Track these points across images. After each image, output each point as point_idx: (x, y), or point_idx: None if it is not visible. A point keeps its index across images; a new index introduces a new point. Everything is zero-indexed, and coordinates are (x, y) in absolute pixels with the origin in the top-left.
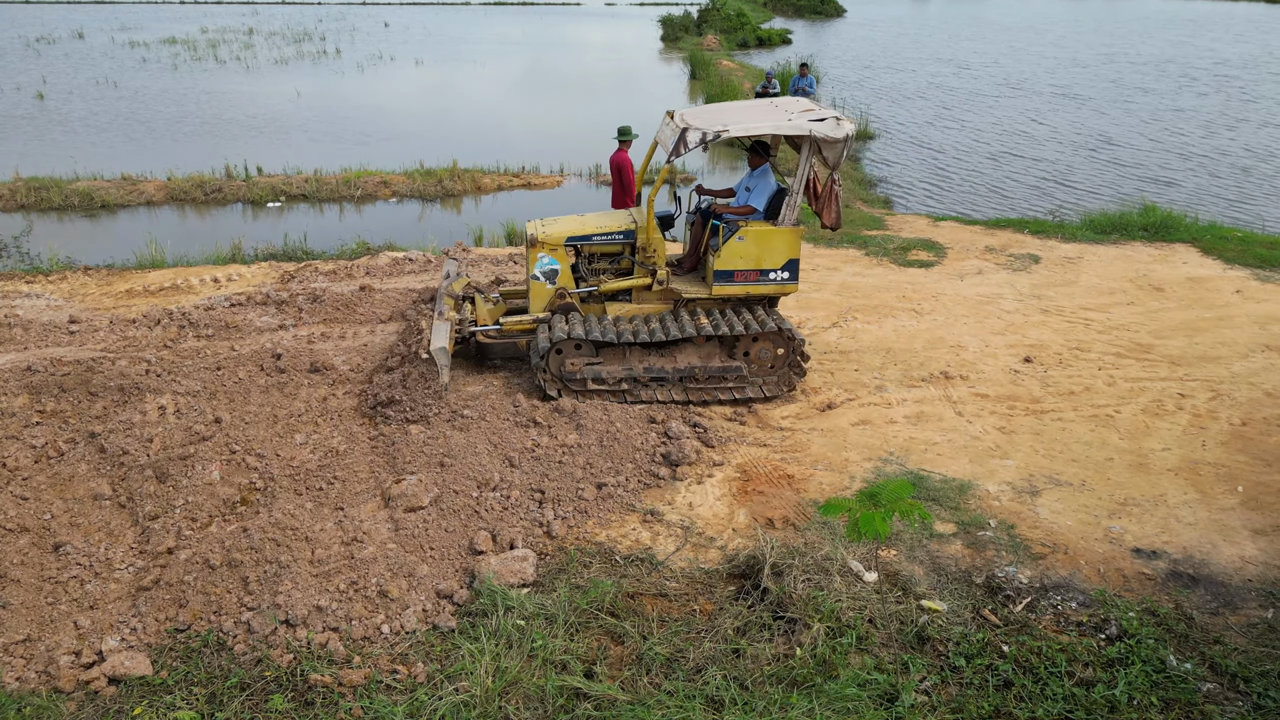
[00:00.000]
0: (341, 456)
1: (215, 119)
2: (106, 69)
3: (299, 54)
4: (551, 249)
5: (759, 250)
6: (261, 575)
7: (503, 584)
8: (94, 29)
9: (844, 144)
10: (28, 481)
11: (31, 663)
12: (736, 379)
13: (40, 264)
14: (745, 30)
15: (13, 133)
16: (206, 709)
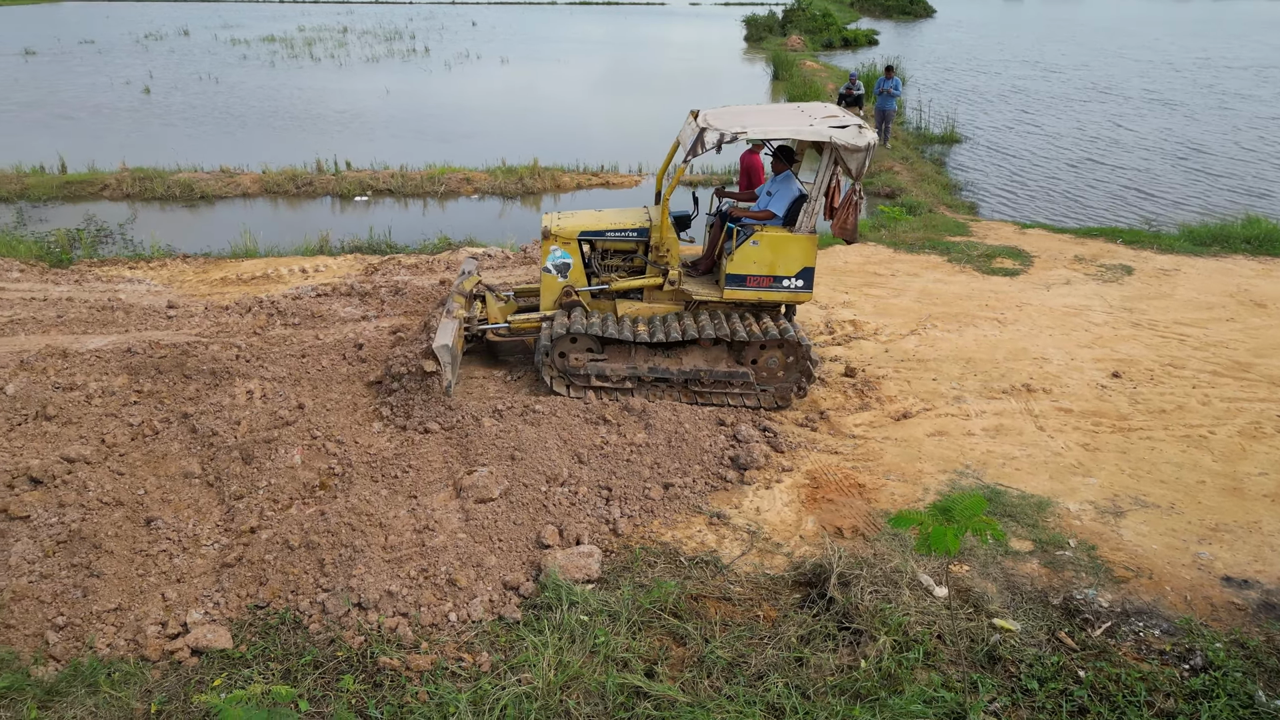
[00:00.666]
0: (416, 446)
1: (308, 114)
2: (209, 65)
3: (389, 52)
4: (565, 242)
5: (773, 256)
6: (337, 558)
7: (568, 579)
8: (199, 26)
9: (865, 153)
10: (124, 458)
11: (121, 631)
12: (743, 385)
13: (143, 251)
14: (830, 31)
15: (120, 125)
16: (282, 684)
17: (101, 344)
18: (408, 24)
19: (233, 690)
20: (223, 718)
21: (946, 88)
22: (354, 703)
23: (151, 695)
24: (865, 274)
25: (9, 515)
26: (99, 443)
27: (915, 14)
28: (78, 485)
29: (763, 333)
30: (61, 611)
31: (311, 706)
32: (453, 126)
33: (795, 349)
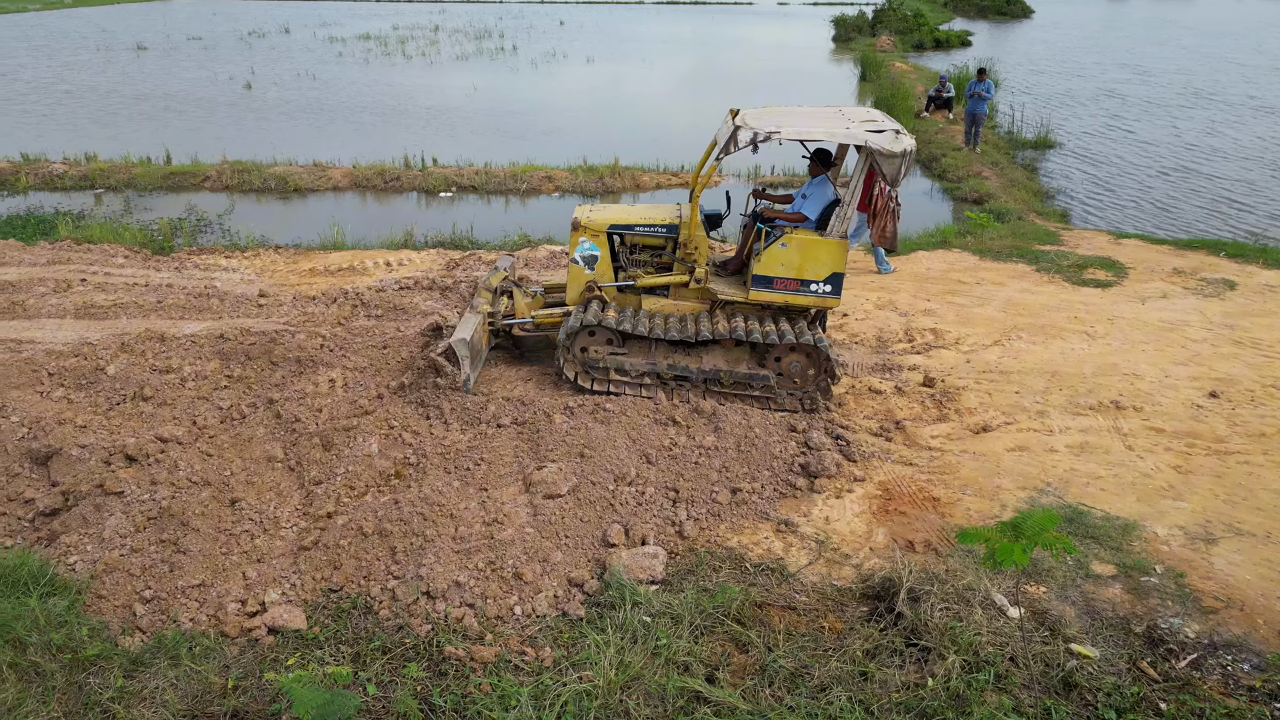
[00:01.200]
0: (489, 439)
1: (397, 111)
2: (306, 62)
3: (479, 50)
4: (593, 235)
5: (801, 259)
6: (408, 547)
7: (632, 579)
8: (299, 24)
9: (902, 159)
10: (213, 439)
11: (204, 606)
12: (763, 388)
13: (238, 241)
14: (922, 31)
15: (223, 119)
16: (351, 667)
17: (196, 329)
18: (497, 23)
19: (305, 669)
20: (290, 696)
21: (1040, 91)
22: (418, 690)
23: (229, 670)
24: (949, 281)
25: (105, 490)
26: (190, 424)
27: (1012, 14)
28: (169, 464)
29: (780, 336)
30: (149, 585)
31: (379, 691)
32: (536, 124)
33: (815, 354)
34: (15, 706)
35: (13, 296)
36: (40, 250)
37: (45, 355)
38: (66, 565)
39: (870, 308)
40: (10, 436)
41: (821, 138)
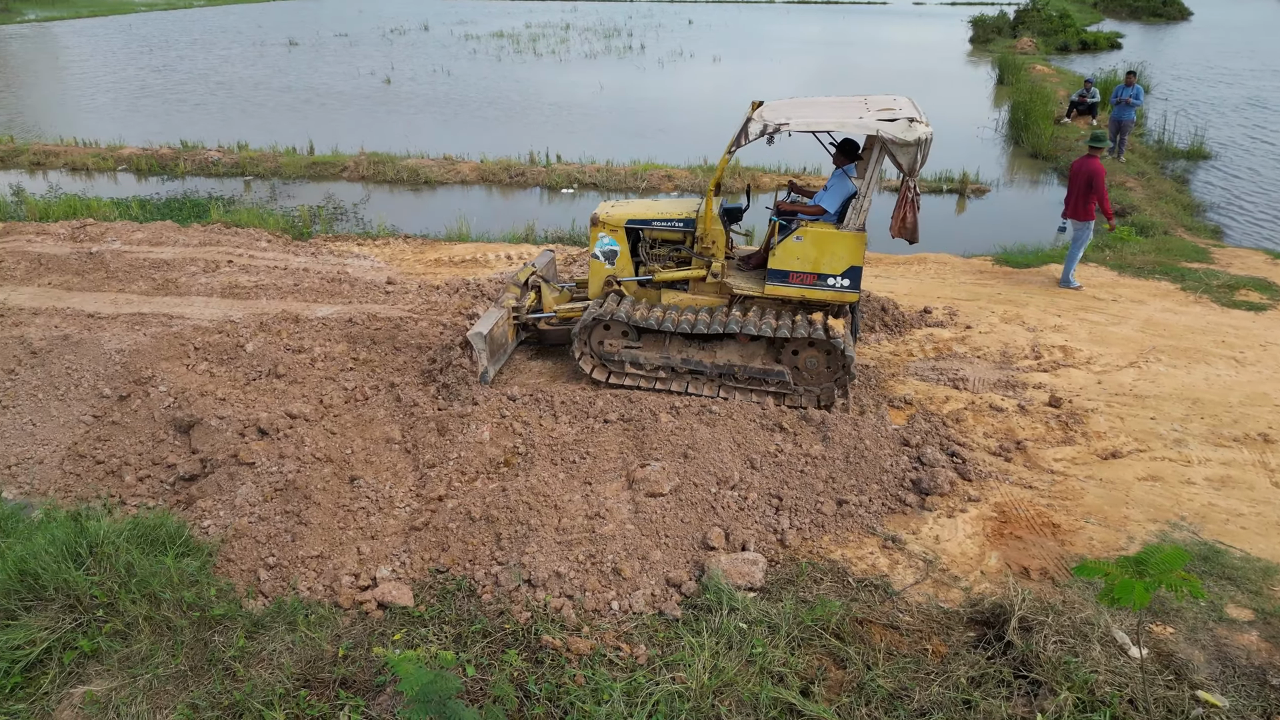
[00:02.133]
0: (595, 434)
1: (525, 108)
2: (442, 58)
3: (607, 49)
4: (612, 230)
5: (817, 253)
6: (512, 534)
7: (730, 584)
8: (437, 22)
9: (916, 148)
10: (338, 418)
11: (320, 577)
12: (779, 383)
13: (370, 230)
14: (1067, 33)
15: (362, 112)
16: (453, 648)
17: (328, 313)
18: (626, 21)
19: (410, 646)
20: (396, 671)
21: (1192, 96)
22: (515, 676)
23: (340, 640)
24: (1082, 297)
25: (238, 460)
26: (318, 402)
27: (1168, 16)
28: (296, 439)
29: (792, 330)
30: (273, 552)
31: (478, 674)
32: (658, 123)
33: (830, 350)
34: (148, 657)
35: (167, 274)
36: (193, 232)
37: (193, 330)
38: (200, 528)
39: (996, 320)
40: (158, 405)
41: (832, 128)
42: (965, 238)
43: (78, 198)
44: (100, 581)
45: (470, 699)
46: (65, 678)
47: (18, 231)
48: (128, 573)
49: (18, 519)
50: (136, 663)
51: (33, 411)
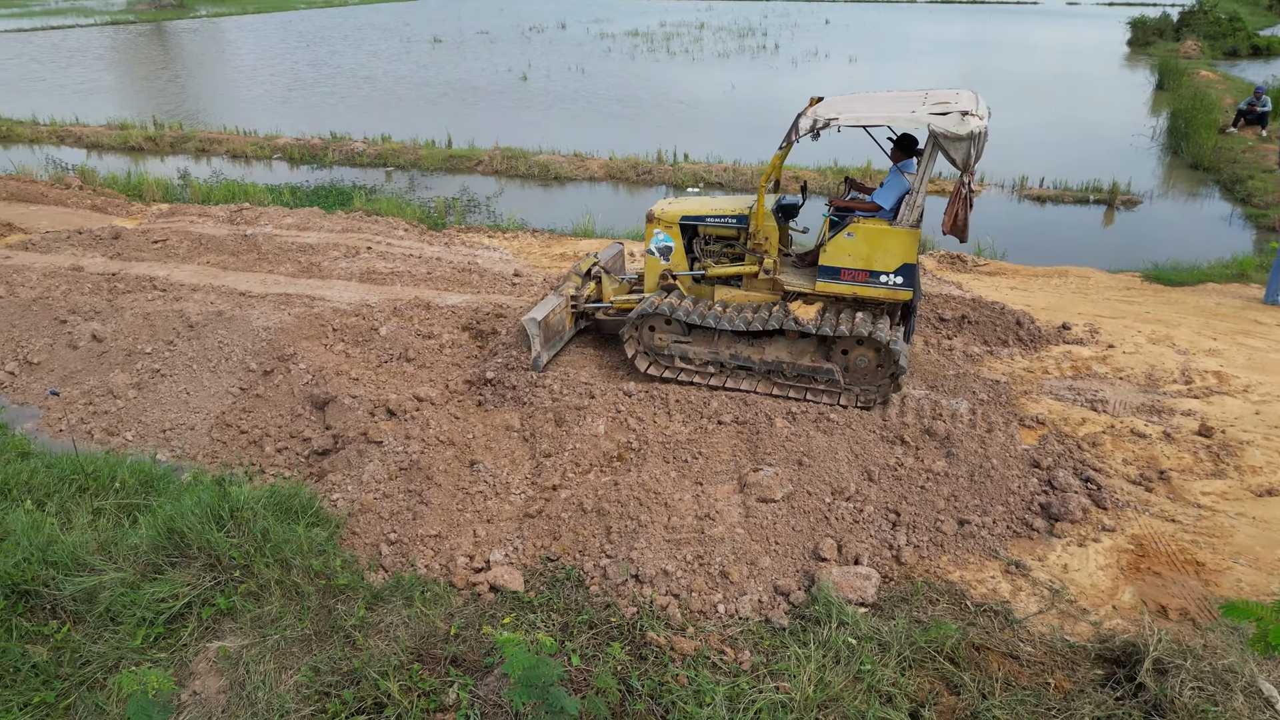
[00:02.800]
0: (709, 435)
1: (655, 106)
2: (578, 57)
3: (740, 48)
4: (666, 226)
5: (869, 249)
6: (622, 529)
7: (840, 597)
8: (575, 20)
9: (969, 141)
10: (461, 403)
11: (437, 556)
12: (828, 382)
13: (501, 223)
14: (1237, 36)
15: (498, 108)
16: (559, 636)
17: (457, 301)
18: (761, 20)
19: (518, 629)
20: (504, 653)
21: None
22: (618, 670)
23: (452, 619)
24: (1242, 320)
25: (367, 439)
26: (444, 387)
27: None
28: (422, 422)
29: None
30: (394, 529)
31: (581, 664)
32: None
33: (879, 348)
34: (277, 619)
35: (312, 258)
36: (337, 219)
37: (332, 312)
38: (330, 501)
39: (1142, 340)
40: (298, 381)
41: (882, 122)
42: (1111, 251)
43: (236, 183)
44: (239, 544)
45: (573, 688)
46: (203, 632)
47: (182, 213)
48: (263, 538)
49: (169, 480)
50: (267, 623)
51: (187, 381)
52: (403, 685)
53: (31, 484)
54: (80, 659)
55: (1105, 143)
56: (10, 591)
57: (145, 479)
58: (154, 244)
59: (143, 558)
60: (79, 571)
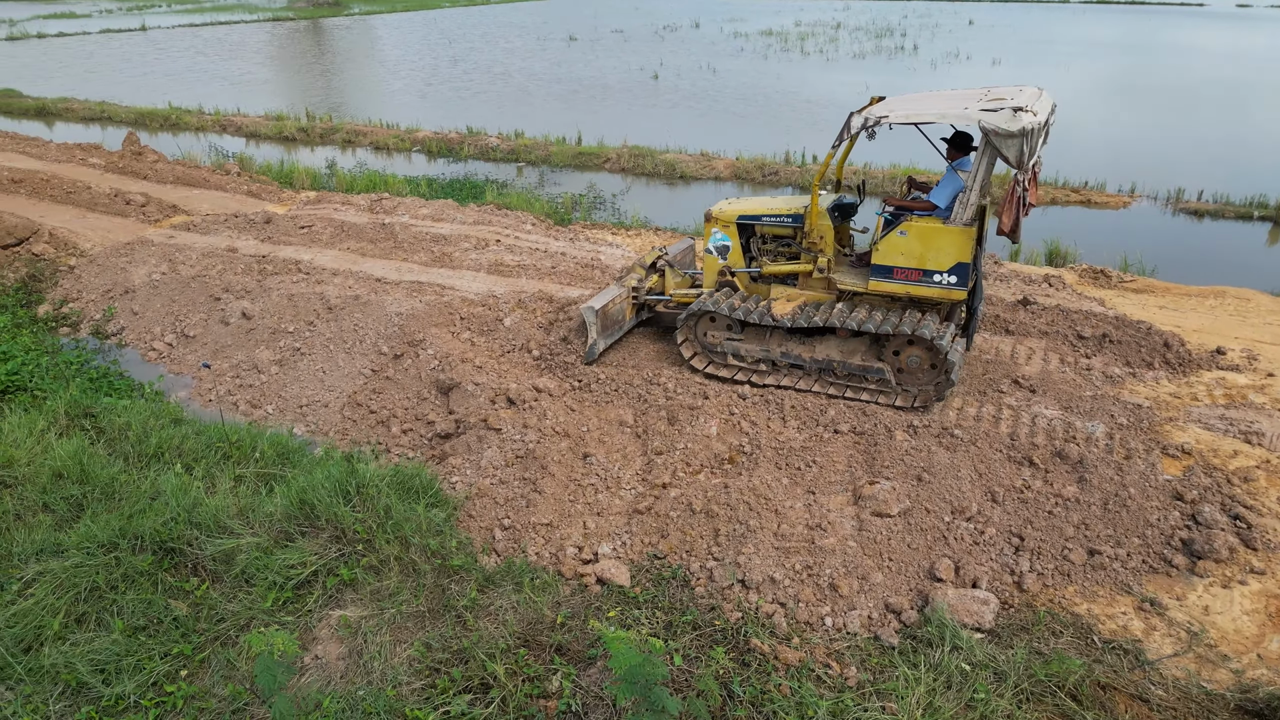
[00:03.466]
0: (823, 443)
1: (784, 107)
2: (710, 56)
3: (877, 49)
4: (724, 225)
5: (923, 248)
6: (730, 532)
7: (955, 620)
8: (708, 19)
9: (1021, 138)
10: (578, 396)
11: (548, 544)
12: (878, 381)
13: (624, 220)
14: None
15: (628, 106)
16: (662, 634)
17: (576, 296)
18: (901, 21)
19: (623, 625)
20: (608, 647)
21: None
22: (720, 674)
23: (559, 608)
24: None
25: (487, 425)
26: (562, 379)
27: None
28: (540, 412)
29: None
30: (509, 515)
31: (684, 664)
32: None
33: (929, 348)
34: (395, 593)
35: (444, 248)
36: (469, 211)
37: (460, 302)
38: (449, 483)
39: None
40: (425, 366)
41: (933, 119)
42: (1276, 273)
43: (377, 174)
44: (363, 519)
45: (675, 687)
46: (326, 600)
47: (327, 200)
48: (385, 515)
49: (303, 454)
50: (385, 597)
51: (324, 360)
52: (508, 669)
53: (182, 449)
54: (216, 616)
55: (1274, 156)
56: (158, 548)
57: (282, 451)
58: (301, 229)
59: (276, 525)
60: (219, 534)
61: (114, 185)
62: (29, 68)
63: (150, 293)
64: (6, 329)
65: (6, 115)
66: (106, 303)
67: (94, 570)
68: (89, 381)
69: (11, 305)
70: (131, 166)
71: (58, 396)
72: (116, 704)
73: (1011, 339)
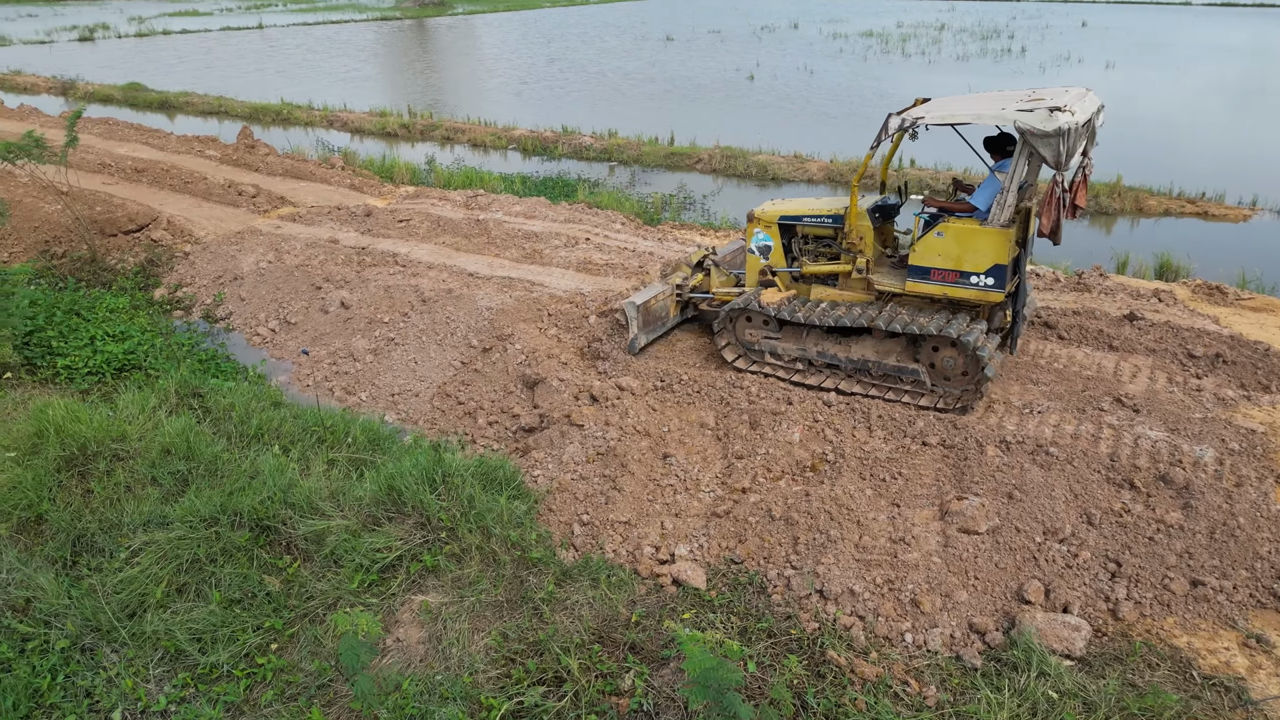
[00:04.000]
0: (910, 455)
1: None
2: (807, 57)
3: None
4: (766, 225)
5: (959, 249)
6: (810, 541)
7: (1044, 645)
8: (808, 20)
9: (1058, 138)
10: (660, 396)
11: (625, 542)
12: (913, 382)
13: (714, 221)
14: None
15: (722, 107)
16: (738, 640)
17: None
18: (1009, 22)
19: (698, 628)
20: (683, 649)
21: None
22: (794, 683)
23: (635, 606)
24: None
25: (570, 421)
26: (647, 380)
27: None
28: (622, 410)
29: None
30: (587, 510)
31: (757, 671)
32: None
33: (962, 349)
34: (475, 581)
35: (535, 245)
36: (560, 209)
37: (548, 298)
38: (531, 477)
39: None
40: (512, 360)
41: (969, 119)
42: None
43: (474, 170)
44: (447, 507)
45: (747, 694)
46: (409, 584)
47: (425, 195)
48: (469, 504)
49: (393, 441)
50: (465, 585)
51: (417, 351)
52: (582, 664)
53: (280, 431)
54: (306, 594)
55: None
56: (255, 525)
57: (373, 437)
58: (399, 223)
59: (365, 509)
60: (312, 515)
61: (227, 176)
62: (154, 63)
63: (257, 280)
64: (125, 310)
65: (132, 108)
66: (217, 288)
67: (195, 543)
68: (198, 363)
69: (131, 288)
70: (244, 159)
71: (169, 376)
72: (210, 672)
73: (1115, 355)
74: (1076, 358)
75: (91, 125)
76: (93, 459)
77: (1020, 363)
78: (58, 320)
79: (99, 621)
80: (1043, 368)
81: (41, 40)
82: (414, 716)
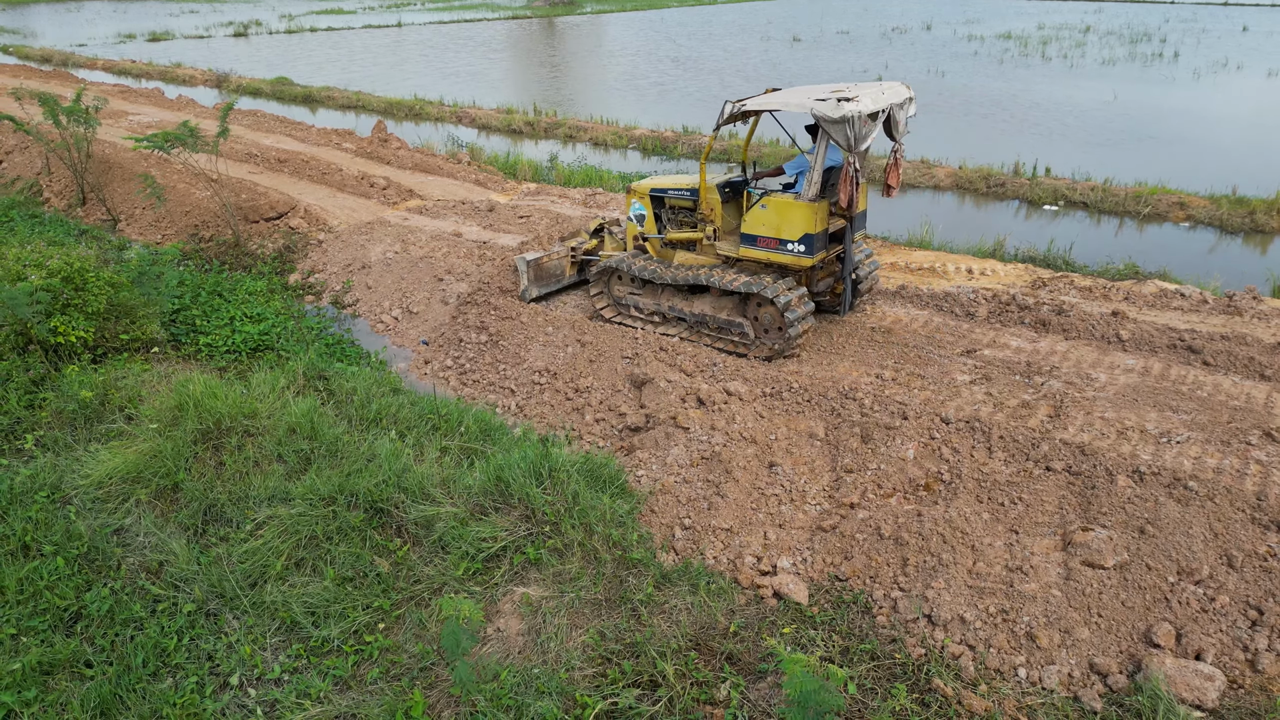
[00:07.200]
0: (1033, 480)
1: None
2: (939, 59)
3: (1130, 55)
4: (640, 197)
5: (779, 220)
6: (920, 563)
7: (1172, 693)
8: (942, 21)
9: (844, 124)
10: (768, 403)
11: (726, 550)
12: (739, 334)
13: None
14: None
15: None
16: (839, 660)
17: None
18: (1161, 25)
19: (798, 644)
20: (785, 668)
21: None
22: (897, 711)
23: (733, 616)
24: None
25: (676, 424)
26: (751, 384)
27: None
28: (728, 415)
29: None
30: (689, 514)
31: (858, 694)
32: (1179, 144)
33: (770, 306)
34: (575, 578)
35: None
36: None
37: None
38: (635, 477)
39: None
40: (621, 359)
41: (778, 107)
42: None
43: (593, 169)
44: (551, 502)
45: (846, 718)
46: (512, 576)
47: (545, 192)
48: (573, 500)
49: (503, 432)
50: (566, 580)
51: (541, 346)
52: (678, 670)
53: (398, 417)
54: (413, 577)
55: None
56: (369, 506)
57: (485, 428)
58: (519, 218)
59: (473, 498)
60: (423, 500)
61: (361, 169)
62: (301, 58)
63: (383, 269)
64: (262, 293)
65: (279, 101)
66: (346, 276)
67: (314, 520)
68: (325, 347)
69: (269, 272)
70: (377, 152)
71: (298, 358)
72: (322, 645)
73: (1267, 385)
74: (1223, 386)
75: (241, 116)
76: (226, 434)
77: (1158, 387)
78: (202, 300)
79: (223, 589)
80: (1184, 395)
81: (200, 35)
82: (510, 707)
